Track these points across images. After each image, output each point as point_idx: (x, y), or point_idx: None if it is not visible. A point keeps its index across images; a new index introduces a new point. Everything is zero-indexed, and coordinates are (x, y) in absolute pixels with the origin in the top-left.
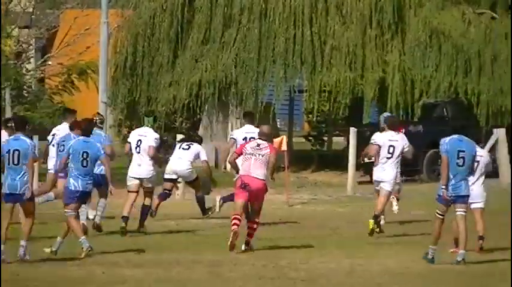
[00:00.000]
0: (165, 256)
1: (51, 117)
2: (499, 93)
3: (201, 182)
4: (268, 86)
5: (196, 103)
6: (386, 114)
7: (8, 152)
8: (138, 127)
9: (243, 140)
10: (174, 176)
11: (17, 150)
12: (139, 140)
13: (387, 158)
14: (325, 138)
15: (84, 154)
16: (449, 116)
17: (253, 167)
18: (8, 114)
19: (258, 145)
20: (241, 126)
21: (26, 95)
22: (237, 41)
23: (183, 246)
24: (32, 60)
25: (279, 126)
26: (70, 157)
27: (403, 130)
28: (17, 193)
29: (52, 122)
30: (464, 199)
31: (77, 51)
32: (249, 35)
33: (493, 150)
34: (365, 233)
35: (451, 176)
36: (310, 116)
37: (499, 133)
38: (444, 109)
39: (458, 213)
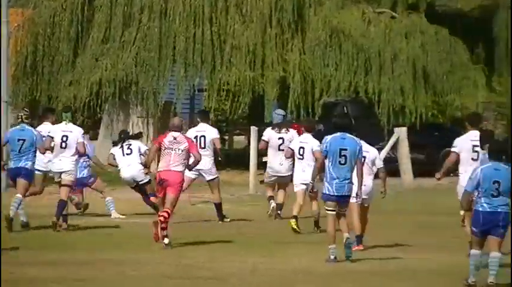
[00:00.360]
0: (73, 255)
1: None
2: (399, 93)
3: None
4: (169, 85)
5: (97, 102)
6: (279, 111)
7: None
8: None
9: (194, 138)
10: (134, 183)
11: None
12: (65, 135)
13: (299, 159)
14: (226, 137)
15: None
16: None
17: (173, 161)
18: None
19: (175, 138)
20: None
21: None
22: (137, 40)
23: (90, 245)
24: None
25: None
26: None
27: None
28: None
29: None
30: (345, 199)
31: None
32: (149, 34)
33: (394, 149)
34: (269, 233)
35: (335, 176)
36: (212, 115)
37: (400, 132)
38: (345, 108)
39: (339, 212)
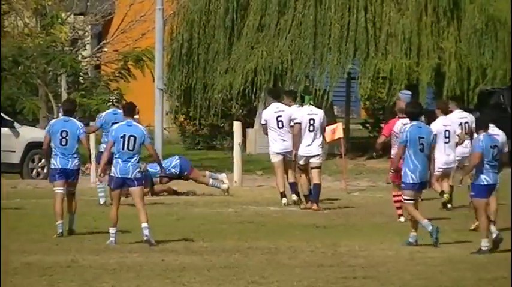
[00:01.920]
0: (223, 243)
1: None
2: None
3: None
4: (324, 72)
5: (252, 90)
6: (406, 91)
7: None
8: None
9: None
10: None
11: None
12: (312, 119)
13: (444, 143)
14: (382, 125)
15: None
16: (505, 104)
17: None
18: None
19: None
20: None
21: (82, 81)
22: (293, 27)
23: (241, 233)
24: (87, 47)
25: (335, 113)
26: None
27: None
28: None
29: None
30: (424, 185)
31: (133, 38)
32: (304, 21)
33: None
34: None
35: (417, 163)
36: (368, 103)
37: None
38: (501, 97)
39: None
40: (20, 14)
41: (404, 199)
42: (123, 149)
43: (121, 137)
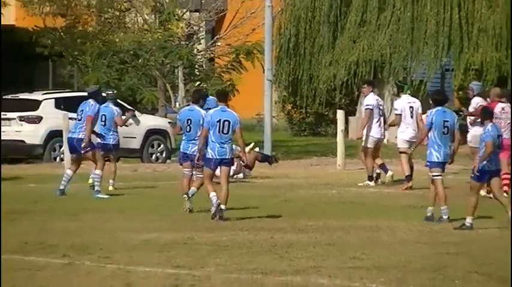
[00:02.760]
0: (327, 222)
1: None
2: None
3: None
4: (421, 65)
5: (354, 81)
6: (477, 82)
7: (219, 121)
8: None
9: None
10: None
11: (227, 120)
12: (411, 106)
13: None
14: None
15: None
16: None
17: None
18: (182, 91)
19: (503, 109)
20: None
21: (197, 73)
22: (392, 23)
23: (343, 213)
24: (202, 41)
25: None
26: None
27: None
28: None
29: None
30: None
31: (244, 33)
32: (402, 18)
33: None
34: None
35: (441, 144)
36: (461, 93)
37: None
38: None
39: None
40: (139, 10)
41: (434, 176)
42: (218, 132)
43: (217, 122)
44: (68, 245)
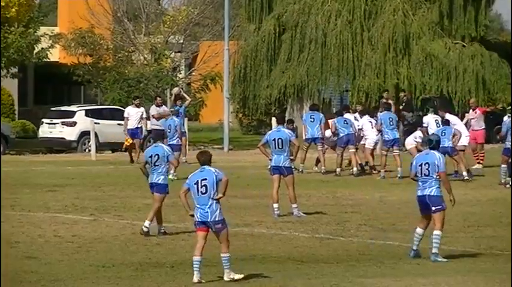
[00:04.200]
0: (266, 191)
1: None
2: (467, 93)
3: None
4: (328, 89)
5: (284, 98)
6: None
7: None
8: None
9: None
10: None
11: (280, 138)
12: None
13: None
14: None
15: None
16: (438, 106)
17: None
18: (169, 104)
19: None
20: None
21: (178, 93)
22: (308, 60)
23: None
24: (182, 72)
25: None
26: None
27: None
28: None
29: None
30: None
31: (210, 67)
32: (315, 56)
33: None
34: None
35: None
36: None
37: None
38: (434, 101)
39: None
40: (141, 52)
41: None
42: (275, 148)
43: (273, 140)
44: (94, 207)
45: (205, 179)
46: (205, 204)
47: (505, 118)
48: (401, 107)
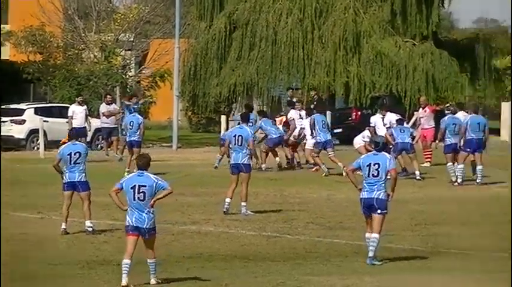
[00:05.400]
0: (214, 189)
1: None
2: (417, 91)
3: None
4: (278, 86)
5: (233, 96)
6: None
7: (235, 136)
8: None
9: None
10: None
11: (240, 135)
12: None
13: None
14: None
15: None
16: (387, 104)
17: None
18: (118, 102)
19: None
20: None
21: (128, 91)
22: (258, 58)
23: (225, 183)
24: (132, 70)
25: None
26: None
27: None
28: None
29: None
30: None
31: (160, 64)
32: (265, 55)
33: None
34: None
35: None
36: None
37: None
38: (384, 100)
39: None
40: (91, 49)
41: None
42: (235, 144)
43: (233, 136)
44: (41, 205)
45: (145, 185)
46: (142, 210)
47: (447, 118)
48: (312, 106)
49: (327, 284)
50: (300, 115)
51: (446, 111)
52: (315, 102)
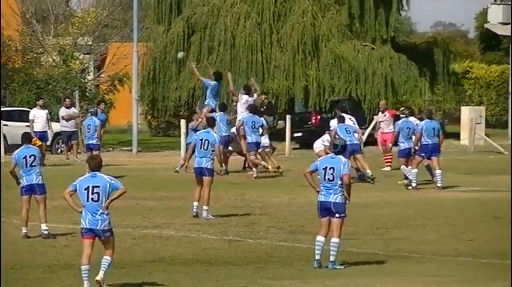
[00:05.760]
0: (175, 193)
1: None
2: (376, 95)
3: None
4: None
5: (192, 99)
6: None
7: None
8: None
9: None
10: None
11: (207, 140)
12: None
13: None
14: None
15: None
16: (347, 108)
17: None
18: (77, 106)
19: None
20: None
21: (88, 94)
22: (217, 62)
23: (186, 187)
24: (91, 73)
25: None
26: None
27: None
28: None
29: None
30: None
31: (119, 68)
32: (224, 58)
33: (374, 129)
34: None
35: None
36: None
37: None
38: (343, 103)
39: None
40: (50, 53)
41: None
42: (200, 148)
43: (200, 140)
44: (2, 209)
45: (98, 186)
46: (95, 212)
47: (401, 122)
48: (262, 110)
49: None
50: None
51: (401, 115)
52: (264, 107)
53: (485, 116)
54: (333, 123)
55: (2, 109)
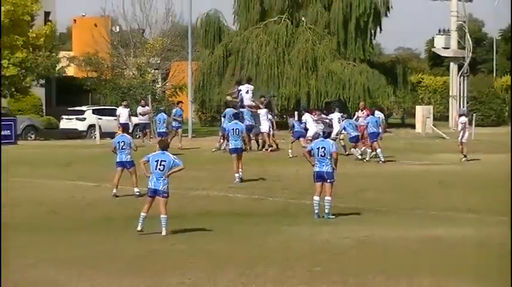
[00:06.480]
0: None
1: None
2: (357, 99)
3: None
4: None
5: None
6: None
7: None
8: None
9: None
10: None
11: (237, 129)
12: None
13: None
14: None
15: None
16: (337, 108)
17: None
18: (150, 105)
19: None
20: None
21: (157, 97)
22: (245, 75)
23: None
24: (159, 83)
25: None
26: None
27: None
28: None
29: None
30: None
31: (179, 79)
32: (251, 72)
33: None
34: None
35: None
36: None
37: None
38: (335, 103)
39: None
40: (130, 69)
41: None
42: (233, 135)
43: (232, 129)
44: (100, 177)
45: (165, 161)
46: (159, 178)
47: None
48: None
49: (296, 231)
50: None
51: (360, 114)
52: (265, 105)
53: (433, 112)
54: (332, 115)
55: (97, 108)
